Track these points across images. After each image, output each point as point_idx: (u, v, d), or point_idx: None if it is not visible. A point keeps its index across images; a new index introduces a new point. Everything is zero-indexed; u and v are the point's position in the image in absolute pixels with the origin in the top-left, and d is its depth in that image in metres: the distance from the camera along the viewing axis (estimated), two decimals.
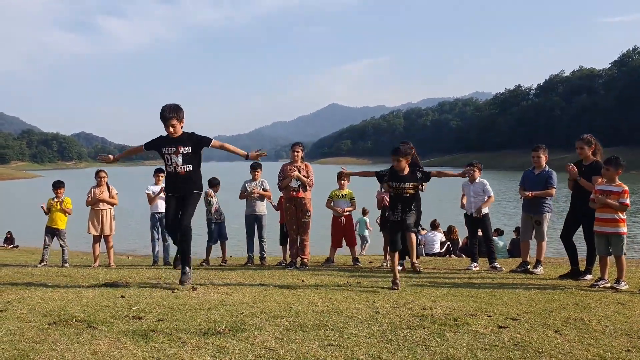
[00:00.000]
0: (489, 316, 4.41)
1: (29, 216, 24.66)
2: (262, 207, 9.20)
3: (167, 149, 5.76)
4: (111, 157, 6.20)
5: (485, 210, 8.06)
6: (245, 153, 6.12)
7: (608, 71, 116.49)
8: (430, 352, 3.33)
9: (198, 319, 4.11)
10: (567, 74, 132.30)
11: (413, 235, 6.41)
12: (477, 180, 8.14)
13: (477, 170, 8.17)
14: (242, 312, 4.36)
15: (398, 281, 5.93)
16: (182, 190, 5.83)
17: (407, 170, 6.25)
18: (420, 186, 6.67)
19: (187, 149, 5.75)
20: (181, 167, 5.75)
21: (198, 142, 5.81)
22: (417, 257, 7.69)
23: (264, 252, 9.22)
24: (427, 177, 6.39)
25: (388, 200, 8.29)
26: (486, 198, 8.04)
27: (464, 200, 8.26)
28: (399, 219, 6.22)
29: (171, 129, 5.70)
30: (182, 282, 5.76)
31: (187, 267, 5.88)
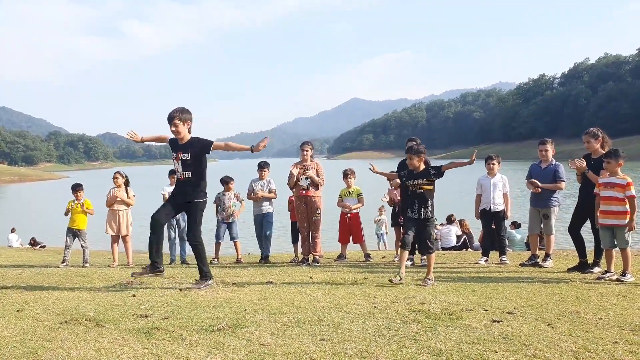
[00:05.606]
0: (486, 310, 4.50)
1: (56, 217, 25.26)
2: (269, 206, 9.38)
3: (173, 154, 5.93)
4: (139, 137, 6.13)
5: (502, 206, 8.05)
6: (249, 147, 5.86)
7: (635, 57, 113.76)
8: (417, 346, 3.44)
9: (202, 316, 4.28)
10: (592, 61, 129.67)
11: (433, 256, 6.26)
12: (497, 174, 8.11)
13: (497, 164, 8.13)
14: (245, 310, 4.52)
15: (401, 275, 6.00)
16: (182, 197, 5.98)
17: (421, 168, 6.34)
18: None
19: (186, 156, 5.82)
20: (180, 174, 5.90)
21: (199, 148, 5.84)
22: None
23: (268, 250, 9.39)
24: (439, 172, 6.33)
25: (397, 197, 8.39)
26: (503, 194, 8.03)
27: (482, 195, 8.14)
28: (416, 217, 6.27)
29: (173, 128, 5.78)
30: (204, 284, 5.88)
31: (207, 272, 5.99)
